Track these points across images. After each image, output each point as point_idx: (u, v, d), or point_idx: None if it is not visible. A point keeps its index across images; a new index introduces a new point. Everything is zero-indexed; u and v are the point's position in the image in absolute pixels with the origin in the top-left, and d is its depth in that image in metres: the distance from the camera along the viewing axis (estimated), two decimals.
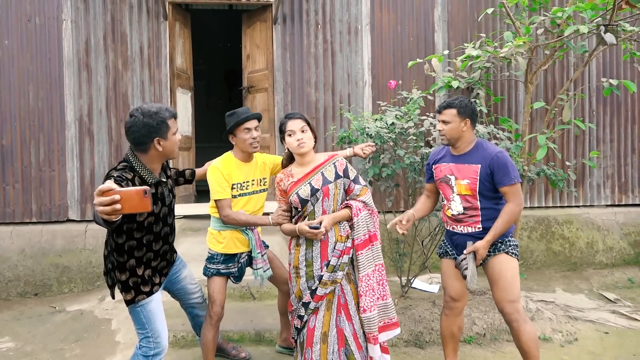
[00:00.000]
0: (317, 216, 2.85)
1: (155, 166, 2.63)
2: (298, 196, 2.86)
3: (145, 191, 1.75)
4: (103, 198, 1.74)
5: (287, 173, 2.98)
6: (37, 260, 5.08)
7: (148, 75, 5.46)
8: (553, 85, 5.92)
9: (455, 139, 3.03)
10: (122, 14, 5.39)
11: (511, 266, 2.99)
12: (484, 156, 2.96)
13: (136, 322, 2.70)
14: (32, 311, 4.66)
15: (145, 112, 2.51)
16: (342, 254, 2.84)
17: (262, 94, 5.90)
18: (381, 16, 5.72)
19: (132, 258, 2.60)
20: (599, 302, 4.89)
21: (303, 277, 2.86)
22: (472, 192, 2.96)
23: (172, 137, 2.60)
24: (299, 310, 2.86)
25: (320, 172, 2.90)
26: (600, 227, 5.87)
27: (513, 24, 4.26)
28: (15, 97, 5.25)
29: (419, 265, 4.59)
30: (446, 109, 3.03)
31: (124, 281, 2.62)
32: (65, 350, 3.82)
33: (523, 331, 2.93)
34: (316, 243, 2.85)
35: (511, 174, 2.89)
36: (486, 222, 2.97)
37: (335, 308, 2.82)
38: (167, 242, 2.77)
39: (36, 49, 5.28)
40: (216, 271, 3.18)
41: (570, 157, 5.88)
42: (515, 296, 2.97)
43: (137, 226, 2.56)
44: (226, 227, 3.15)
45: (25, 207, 5.28)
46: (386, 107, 4.38)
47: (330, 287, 2.81)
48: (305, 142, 2.85)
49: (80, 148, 5.35)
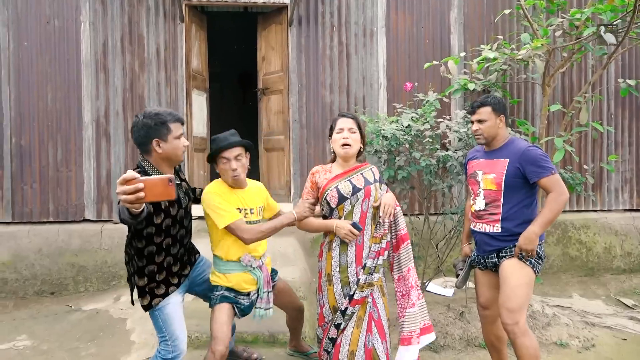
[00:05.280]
0: (355, 218, 2.73)
1: (166, 170, 2.64)
2: (338, 191, 2.72)
3: (170, 179, 1.72)
4: (126, 187, 1.71)
5: (325, 168, 2.87)
6: (53, 260, 5.13)
7: (164, 77, 5.50)
8: (571, 88, 5.86)
9: (492, 137, 2.98)
10: (139, 16, 5.44)
11: (520, 273, 2.84)
12: (513, 152, 2.89)
13: (155, 325, 2.72)
14: (48, 310, 4.70)
15: (146, 114, 2.54)
16: (378, 254, 2.75)
17: (276, 95, 5.91)
18: (397, 18, 5.70)
19: (152, 264, 2.62)
20: (616, 308, 4.81)
21: (338, 285, 2.74)
22: (497, 186, 2.89)
23: (174, 140, 2.59)
24: (335, 320, 2.73)
25: (360, 173, 2.81)
26: (618, 232, 5.78)
27: (531, 25, 4.22)
28: (34, 98, 5.32)
29: (433, 268, 4.56)
30: (481, 107, 2.98)
31: (141, 287, 2.63)
32: (81, 349, 3.85)
33: (520, 345, 2.77)
34: (351, 247, 2.73)
35: (545, 165, 2.80)
36: (506, 222, 2.87)
37: (366, 326, 2.70)
38: (182, 244, 2.78)
39: (55, 50, 5.34)
40: (221, 297, 2.82)
41: (588, 161, 5.81)
42: (516, 305, 2.79)
43: (156, 230, 2.56)
44: (232, 270, 2.86)
45: (42, 206, 5.34)
46: (402, 109, 4.36)
47: (367, 290, 2.71)
48: (351, 143, 2.75)
49: (97, 149, 5.40)
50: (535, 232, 2.76)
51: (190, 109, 5.64)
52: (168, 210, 2.59)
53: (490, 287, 3.05)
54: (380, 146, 4.04)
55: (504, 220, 2.89)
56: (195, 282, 2.95)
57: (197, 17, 5.90)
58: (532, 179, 2.82)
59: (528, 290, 2.86)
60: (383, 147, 4.04)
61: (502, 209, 2.89)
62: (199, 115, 5.89)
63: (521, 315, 2.80)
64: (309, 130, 5.65)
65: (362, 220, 2.74)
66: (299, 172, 5.60)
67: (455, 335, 3.93)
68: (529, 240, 2.77)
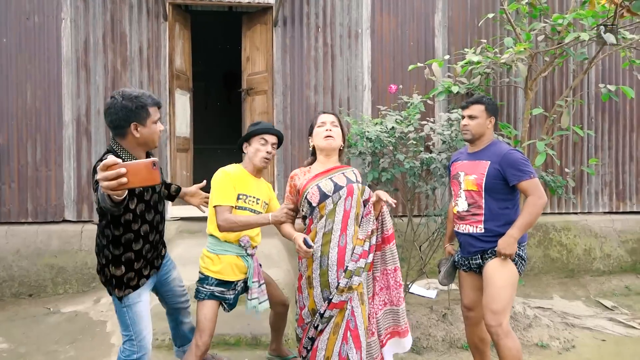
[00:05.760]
0: (337, 217, 2.65)
1: (139, 154, 2.53)
2: (319, 189, 2.66)
3: (154, 163, 1.63)
4: (108, 172, 1.61)
5: (303, 169, 2.82)
6: (32, 261, 5.04)
7: (147, 76, 5.43)
8: (552, 92, 5.93)
9: (479, 135, 3.02)
10: (122, 13, 5.37)
11: (504, 274, 2.85)
12: (495, 153, 2.94)
13: (121, 322, 2.61)
14: (26, 312, 4.61)
15: (125, 95, 2.41)
16: (360, 257, 2.66)
17: (261, 96, 5.88)
18: (381, 20, 5.71)
19: (129, 251, 2.53)
20: (596, 310, 4.88)
21: (317, 288, 2.67)
22: (477, 187, 2.93)
23: (152, 125, 2.49)
24: (314, 321, 2.69)
25: (342, 172, 2.75)
26: (597, 234, 5.87)
27: (514, 30, 4.27)
28: (13, 95, 5.21)
29: (416, 270, 4.58)
30: (475, 104, 3.02)
31: (119, 276, 2.53)
32: (60, 352, 3.78)
33: (503, 346, 2.79)
34: (333, 250, 2.65)
35: (525, 169, 2.84)
36: (489, 222, 2.90)
37: (342, 334, 2.64)
38: (157, 230, 2.69)
39: (35, 47, 5.25)
40: (210, 293, 2.91)
41: (569, 164, 5.89)
42: (500, 307, 2.81)
43: (133, 217, 2.48)
44: (226, 252, 2.92)
45: (21, 206, 5.23)
46: (386, 111, 4.37)
47: (347, 294, 2.63)
48: (334, 135, 2.72)
49: (78, 148, 5.31)
50: (514, 235, 2.80)
51: (173, 109, 5.59)
52: (142, 194, 2.49)
53: (474, 288, 3.07)
54: (365, 148, 4.05)
55: (487, 221, 2.92)
56: (161, 281, 2.85)
57: (180, 15, 5.85)
58: (512, 182, 2.86)
59: (512, 292, 2.88)
60: (367, 149, 4.05)
61: (484, 209, 2.92)
62: (182, 115, 5.83)
63: (504, 317, 2.83)
64: (294, 131, 5.63)
65: (345, 220, 2.66)
66: (282, 173, 5.58)
67: (438, 337, 3.95)
68: (508, 243, 2.80)
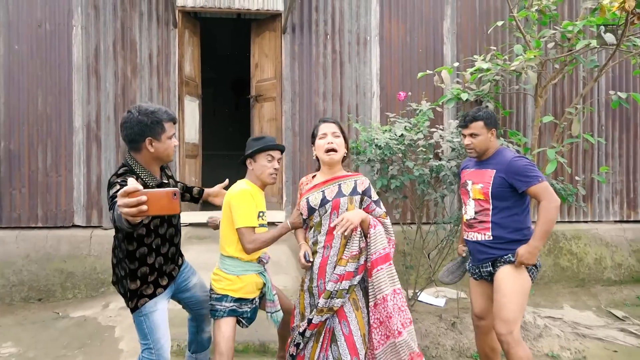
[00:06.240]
0: (323, 230, 2.66)
1: (154, 168, 2.57)
2: (307, 203, 2.69)
3: (174, 193, 1.65)
4: (129, 199, 1.63)
5: (308, 178, 2.84)
6: (41, 265, 5.06)
7: (157, 83, 5.46)
8: (562, 100, 5.90)
9: (484, 150, 3.01)
10: (132, 21, 5.42)
11: (516, 282, 2.82)
12: (500, 162, 2.93)
13: (139, 331, 2.64)
14: (35, 316, 4.63)
15: (141, 110, 2.44)
16: (341, 279, 2.56)
17: (269, 103, 5.89)
18: (390, 27, 5.72)
19: (144, 265, 2.56)
20: (607, 320, 4.82)
21: (307, 292, 2.71)
22: (484, 196, 2.93)
23: (167, 140, 2.52)
24: (294, 339, 2.69)
25: (338, 184, 2.70)
26: (608, 243, 5.81)
27: (523, 37, 4.25)
28: (24, 102, 5.26)
29: (425, 278, 4.55)
30: (473, 122, 3.00)
31: (133, 290, 2.57)
32: (68, 357, 3.78)
33: (514, 355, 2.76)
34: (317, 258, 2.65)
35: (532, 174, 2.81)
36: (497, 230, 2.89)
37: (322, 341, 2.61)
38: (173, 243, 2.72)
39: (46, 54, 5.30)
40: (229, 310, 2.78)
41: (579, 172, 5.84)
42: (511, 315, 2.78)
43: (147, 231, 2.51)
44: (246, 271, 2.83)
45: (31, 211, 5.27)
46: (395, 118, 4.36)
47: (327, 315, 2.59)
48: (336, 148, 2.66)
49: (88, 154, 5.35)
50: (537, 246, 2.78)
51: (182, 115, 5.61)
52: None
53: (485, 297, 3.04)
54: (374, 155, 4.04)
55: (495, 229, 2.90)
56: (179, 289, 2.86)
57: (190, 22, 5.88)
58: (521, 189, 2.84)
59: (523, 300, 2.85)
60: (376, 156, 4.03)
61: (491, 217, 2.91)
62: (191, 121, 5.86)
63: (515, 325, 2.80)
64: (302, 138, 5.63)
65: (330, 234, 2.64)
66: (291, 180, 5.58)
67: (447, 346, 3.91)
68: (531, 254, 2.79)
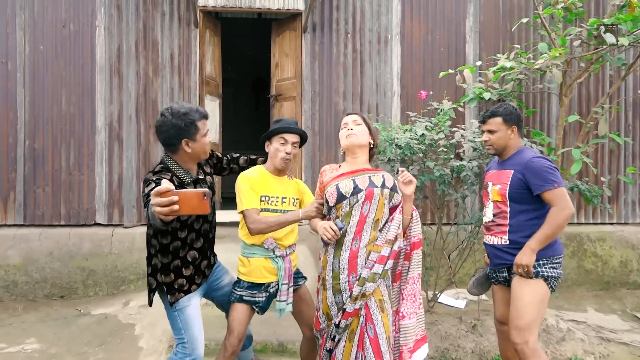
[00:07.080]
0: (353, 220, 2.54)
1: (190, 165, 2.64)
2: (337, 189, 2.56)
3: (204, 194, 1.74)
4: (161, 199, 1.73)
5: (333, 167, 2.77)
6: (64, 263, 5.14)
7: (178, 82, 5.50)
8: (587, 99, 5.77)
9: (502, 148, 2.93)
10: (154, 21, 5.46)
11: (531, 290, 2.72)
12: (518, 162, 2.83)
13: (173, 327, 2.68)
14: (57, 313, 4.70)
15: (174, 113, 2.49)
16: (375, 263, 2.51)
17: (289, 102, 5.89)
18: (411, 26, 5.66)
19: (177, 259, 2.61)
20: (632, 324, 4.70)
21: (329, 291, 2.58)
22: (502, 197, 2.85)
23: (202, 139, 2.58)
24: (330, 332, 2.58)
25: (368, 175, 2.62)
26: (634, 246, 5.67)
27: (548, 35, 4.16)
28: (48, 101, 5.34)
29: (445, 279, 4.49)
30: (491, 117, 2.93)
31: (169, 283, 2.61)
32: (89, 354, 3.83)
33: None
34: (344, 252, 2.54)
35: (549, 178, 2.69)
36: (514, 234, 2.79)
37: (357, 341, 2.52)
38: (207, 239, 2.77)
39: (70, 54, 5.37)
40: (239, 297, 2.86)
41: (605, 173, 5.71)
42: (525, 323, 2.69)
43: (181, 225, 2.56)
44: (253, 254, 2.87)
45: (54, 210, 5.35)
46: (416, 117, 4.31)
47: (361, 302, 2.50)
48: (356, 133, 2.62)
49: (110, 153, 5.41)
50: (531, 247, 2.68)
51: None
52: None
53: (505, 302, 2.97)
54: (394, 155, 3.99)
55: (512, 232, 2.81)
56: (212, 287, 2.91)
57: (211, 22, 5.91)
58: (535, 192, 2.74)
59: (539, 308, 2.74)
60: (396, 156, 3.99)
61: (509, 220, 2.83)
62: (211, 120, 5.82)
63: (531, 334, 2.70)
64: (322, 137, 5.61)
65: (361, 225, 2.55)
66: (310, 179, 5.56)
67: (467, 348, 3.86)
68: (524, 254, 2.69)
